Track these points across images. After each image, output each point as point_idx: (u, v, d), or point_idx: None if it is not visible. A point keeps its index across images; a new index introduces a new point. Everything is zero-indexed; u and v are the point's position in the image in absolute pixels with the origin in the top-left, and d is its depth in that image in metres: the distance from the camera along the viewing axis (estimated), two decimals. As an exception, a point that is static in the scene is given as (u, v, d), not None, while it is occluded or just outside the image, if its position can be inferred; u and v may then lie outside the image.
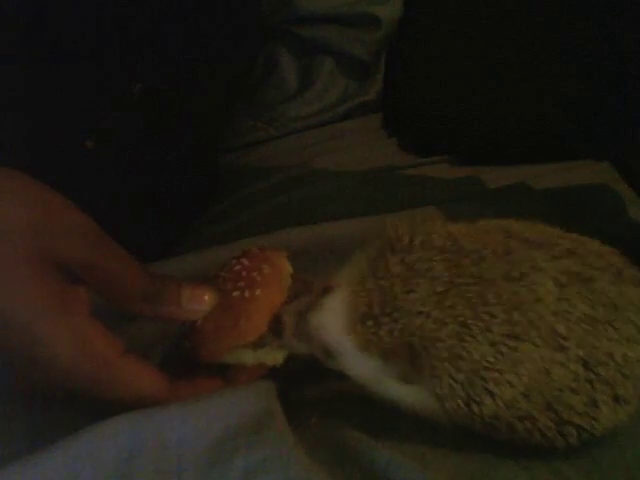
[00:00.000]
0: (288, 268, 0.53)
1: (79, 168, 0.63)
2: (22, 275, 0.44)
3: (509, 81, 0.85)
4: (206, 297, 0.50)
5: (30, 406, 0.52)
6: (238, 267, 0.52)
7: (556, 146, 0.84)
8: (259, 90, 1.00)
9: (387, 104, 1.01)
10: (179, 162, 0.77)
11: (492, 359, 0.44)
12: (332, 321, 0.47)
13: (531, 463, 0.48)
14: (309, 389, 0.55)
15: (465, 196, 0.81)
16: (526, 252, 0.47)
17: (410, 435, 0.49)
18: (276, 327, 0.49)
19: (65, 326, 0.45)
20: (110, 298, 0.48)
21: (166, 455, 0.43)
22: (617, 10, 0.73)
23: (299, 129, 0.98)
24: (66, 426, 0.44)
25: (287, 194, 0.84)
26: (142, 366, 0.48)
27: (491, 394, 0.45)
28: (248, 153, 0.96)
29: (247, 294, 0.50)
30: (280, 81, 1.00)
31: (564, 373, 0.45)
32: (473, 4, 0.92)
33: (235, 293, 0.50)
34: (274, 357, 0.51)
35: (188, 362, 0.51)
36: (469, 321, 0.44)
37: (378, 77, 1.02)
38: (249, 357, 0.50)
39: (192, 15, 0.75)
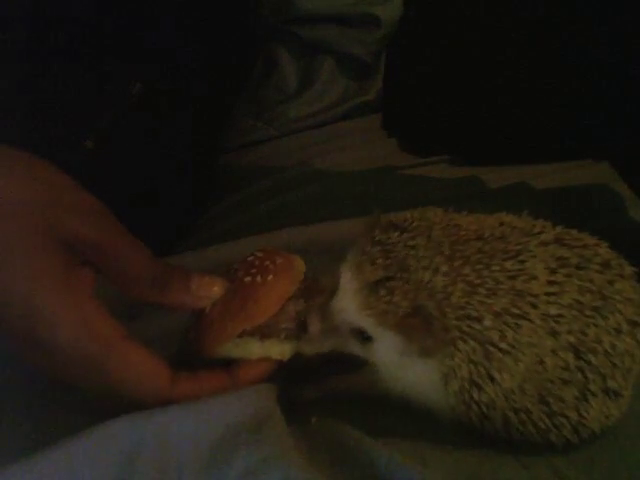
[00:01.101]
0: (302, 264, 0.53)
1: (79, 168, 0.63)
2: (25, 248, 0.44)
3: (509, 81, 0.85)
4: (216, 286, 0.50)
5: (30, 406, 0.52)
6: (251, 258, 0.52)
7: (556, 146, 0.84)
8: (259, 90, 1.00)
9: (387, 104, 1.01)
10: (179, 162, 0.77)
11: (498, 333, 0.45)
12: (350, 300, 0.48)
13: (531, 462, 0.48)
14: (309, 389, 0.54)
15: (465, 196, 0.81)
16: (518, 237, 0.48)
17: (410, 435, 0.49)
18: (300, 326, 0.50)
19: (66, 301, 0.45)
20: (118, 282, 0.48)
21: (167, 455, 0.43)
22: (617, 10, 0.73)
23: (299, 129, 0.98)
24: (66, 427, 0.44)
25: (287, 194, 0.84)
26: (145, 351, 0.47)
27: (492, 379, 0.45)
28: (248, 153, 0.96)
29: (259, 279, 0.50)
30: (280, 81, 1.00)
31: (556, 362, 0.45)
32: (473, 4, 0.92)
33: (247, 279, 0.50)
34: (281, 350, 0.50)
35: (191, 359, 0.51)
36: (477, 281, 0.45)
37: (378, 77, 1.02)
38: (255, 348, 0.50)
39: (192, 15, 0.75)
